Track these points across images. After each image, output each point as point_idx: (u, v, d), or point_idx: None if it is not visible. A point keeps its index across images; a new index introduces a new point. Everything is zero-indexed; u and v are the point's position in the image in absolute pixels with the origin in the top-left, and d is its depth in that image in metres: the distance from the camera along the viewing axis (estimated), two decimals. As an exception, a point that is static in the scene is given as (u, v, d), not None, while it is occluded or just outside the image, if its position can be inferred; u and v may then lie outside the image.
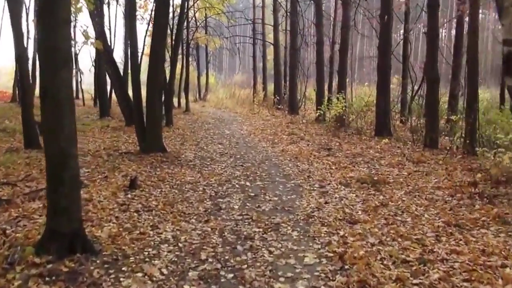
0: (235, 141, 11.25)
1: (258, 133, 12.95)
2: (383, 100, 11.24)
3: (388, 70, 11.07)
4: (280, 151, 9.66)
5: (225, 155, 9.03)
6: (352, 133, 12.22)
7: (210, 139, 11.46)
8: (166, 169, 7.25)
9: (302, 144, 10.72)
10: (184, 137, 11.30)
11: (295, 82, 18.85)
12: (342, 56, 13.93)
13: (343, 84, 14.06)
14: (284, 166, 7.91)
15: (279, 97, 20.81)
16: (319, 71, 15.45)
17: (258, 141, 11.36)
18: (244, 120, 17.15)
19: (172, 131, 12.25)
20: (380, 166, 7.91)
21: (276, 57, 21.71)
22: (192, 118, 17.36)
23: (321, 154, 9.24)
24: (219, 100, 26.67)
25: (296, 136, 12.01)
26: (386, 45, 10.89)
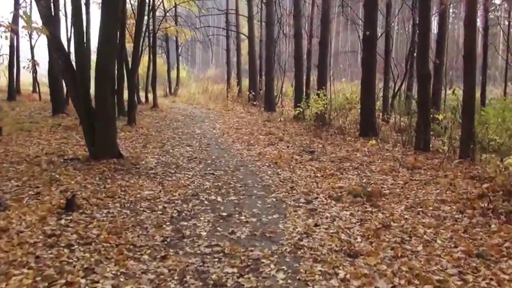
0: (206, 142, 10.05)
1: (232, 132, 11.79)
2: (368, 97, 10.31)
3: (374, 64, 10.13)
4: (257, 154, 8.54)
5: (194, 160, 7.83)
6: (334, 133, 11.23)
7: (178, 140, 10.21)
8: (120, 180, 5.99)
9: (281, 145, 9.64)
10: (148, 138, 10.00)
11: (272, 76, 17.76)
12: (322, 49, 12.92)
13: (323, 79, 13.06)
14: (263, 174, 6.79)
15: (255, 93, 19.68)
16: (297, 66, 14.41)
17: (232, 142, 10.20)
18: (217, 118, 15.93)
19: (134, 131, 10.91)
20: (372, 173, 6.91)
21: (251, 50, 20.54)
22: (160, 115, 15.98)
23: (303, 158, 8.18)
24: (191, 96, 25.27)
25: (274, 136, 10.92)
26: (371, 37, 9.93)
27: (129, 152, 8.08)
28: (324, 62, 12.97)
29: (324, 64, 13.01)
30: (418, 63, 8.37)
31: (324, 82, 13.00)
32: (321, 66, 12.99)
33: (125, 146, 8.72)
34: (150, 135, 10.68)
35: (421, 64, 8.23)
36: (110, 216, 4.59)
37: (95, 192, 5.38)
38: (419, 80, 8.39)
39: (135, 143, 9.28)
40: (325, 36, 12.78)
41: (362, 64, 10.20)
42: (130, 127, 11.23)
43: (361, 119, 10.56)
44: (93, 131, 6.87)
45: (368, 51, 10.05)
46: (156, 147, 8.97)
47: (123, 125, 11.47)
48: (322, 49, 12.90)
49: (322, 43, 12.83)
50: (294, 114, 13.49)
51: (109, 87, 6.84)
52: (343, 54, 47.32)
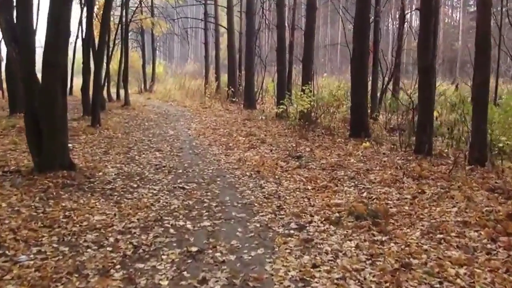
0: (179, 145, 8.88)
1: (208, 133, 10.63)
2: (360, 94, 9.32)
3: (366, 57, 9.13)
4: (237, 160, 7.43)
5: (163, 169, 6.66)
6: (322, 134, 10.21)
7: (147, 143, 9.00)
8: (65, 200, 4.78)
9: (263, 149, 8.55)
10: (112, 142, 8.74)
11: (252, 71, 16.64)
12: (308, 41, 11.87)
13: (308, 74, 12.03)
14: (243, 188, 5.69)
15: (234, 89, 18.52)
16: (280, 59, 13.33)
17: (208, 145, 9.05)
18: (194, 116, 14.74)
19: (98, 133, 9.61)
20: (371, 184, 5.90)
21: (230, 43, 19.34)
22: (131, 113, 14.67)
23: (289, 165, 7.12)
24: (166, 92, 23.91)
25: (255, 137, 9.82)
26: (363, 26, 8.92)
27: (85, 160, 6.83)
28: (309, 55, 11.93)
29: (310, 58, 11.97)
30: (419, 54, 7.39)
31: (309, 77, 11.97)
32: (306, 59, 11.94)
33: (83, 153, 7.46)
34: (116, 137, 9.41)
35: (423, 54, 7.24)
36: (39, 258, 3.41)
37: (29, 220, 4.17)
38: (421, 73, 7.42)
39: (96, 148, 8.01)
40: (311, 26, 11.73)
41: (352, 56, 9.19)
42: (94, 129, 9.92)
43: (352, 118, 9.57)
44: (39, 138, 5.61)
45: (359, 42, 9.04)
46: (120, 152, 7.74)
47: (86, 126, 10.17)
48: (307, 41, 11.85)
49: (307, 34, 11.78)
50: (277, 112, 12.42)
51: (59, 85, 5.58)
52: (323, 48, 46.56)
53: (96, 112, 10.14)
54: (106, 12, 10.45)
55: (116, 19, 19.46)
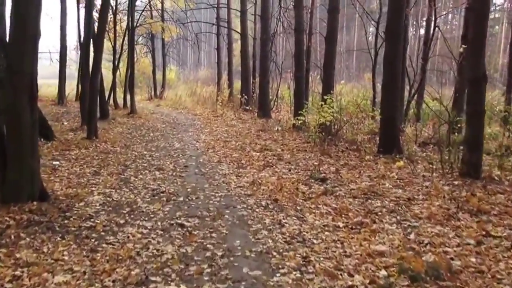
0: (184, 162, 7.76)
1: (219, 147, 9.51)
2: (391, 104, 8.08)
3: (399, 63, 7.89)
4: (250, 183, 6.27)
5: (160, 196, 5.52)
6: (346, 149, 8.98)
7: (148, 159, 7.90)
8: (24, 249, 3.66)
9: (281, 168, 7.38)
10: (107, 159, 7.66)
11: (267, 78, 15.52)
12: (330, 46, 10.68)
13: (330, 82, 10.82)
14: (258, 226, 4.50)
15: (247, 96, 17.43)
16: (298, 65, 12.17)
17: (217, 162, 7.91)
18: (204, 126, 13.66)
19: (93, 147, 8.55)
20: (418, 220, 4.66)
21: (243, 49, 18.29)
22: (137, 122, 13.66)
23: (312, 190, 5.93)
24: (177, 99, 22.96)
25: (271, 153, 8.67)
26: (397, 27, 7.71)
27: (68, 185, 5.74)
28: (331, 61, 10.73)
29: (331, 64, 10.78)
30: (471, 61, 6.15)
31: (331, 86, 10.77)
32: (328, 65, 10.75)
33: (68, 174, 6.38)
34: (113, 152, 8.34)
35: (475, 63, 6.00)
36: None
37: (-36, 280, 3.06)
38: (472, 84, 6.17)
39: (86, 167, 6.93)
40: (333, 29, 10.54)
41: (385, 62, 7.97)
42: (89, 142, 8.87)
43: (382, 131, 8.34)
44: (3, 162, 4.53)
45: (392, 45, 7.81)
46: (114, 173, 6.64)
47: (80, 139, 9.13)
48: (329, 45, 10.66)
49: (329, 38, 10.59)
50: (294, 123, 11.24)
51: (26, 98, 4.50)
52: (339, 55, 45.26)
53: (92, 122, 9.09)
54: (103, 14, 9.39)
55: (124, 24, 18.66)
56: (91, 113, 9.12)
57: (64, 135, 9.91)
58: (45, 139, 8.50)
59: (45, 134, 8.68)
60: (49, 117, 13.81)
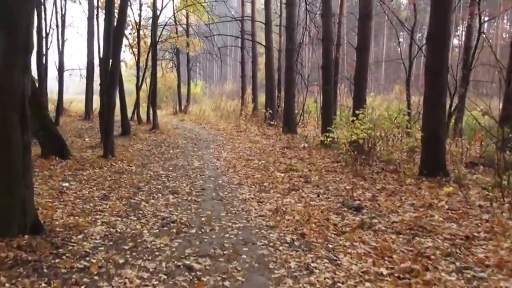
0: (202, 184, 7.07)
1: (240, 166, 8.80)
2: (435, 120, 7.16)
3: (444, 73, 6.98)
4: (273, 212, 5.49)
5: (170, 227, 4.81)
6: (382, 170, 8.08)
7: (164, 180, 7.26)
8: (-4, 299, 3.04)
9: (308, 192, 6.57)
10: (120, 180, 7.05)
11: (293, 91, 14.80)
12: (361, 56, 9.87)
13: (361, 96, 9.98)
14: (281, 271, 3.70)
15: (272, 111, 16.76)
16: (326, 78, 11.39)
17: (237, 184, 7.18)
18: (226, 142, 13.02)
19: (108, 167, 7.99)
20: (485, 270, 3.74)
21: (268, 61, 17.68)
22: (158, 138, 13.16)
23: (346, 221, 5.09)
24: (201, 113, 22.54)
25: (297, 174, 7.88)
26: (442, 32, 6.82)
27: (71, 212, 5.13)
28: (363, 73, 9.90)
29: (363, 76, 9.95)
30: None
31: (362, 99, 9.93)
32: (359, 77, 9.92)
33: (75, 198, 5.79)
34: (128, 172, 7.75)
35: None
36: None
37: None
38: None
39: (96, 189, 6.33)
40: (365, 38, 9.73)
41: (427, 72, 7.08)
42: (105, 161, 8.33)
43: (424, 150, 7.39)
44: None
45: (436, 53, 6.91)
46: (124, 197, 6.01)
47: (96, 157, 8.62)
48: (360, 56, 9.84)
49: (361, 47, 9.79)
50: (322, 140, 10.41)
51: (16, 118, 3.91)
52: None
53: (108, 140, 8.57)
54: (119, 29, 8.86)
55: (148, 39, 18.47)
56: (107, 130, 8.60)
57: (82, 152, 9.46)
58: (60, 157, 8.04)
59: (60, 152, 8.23)
60: (73, 133, 13.58)
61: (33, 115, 7.96)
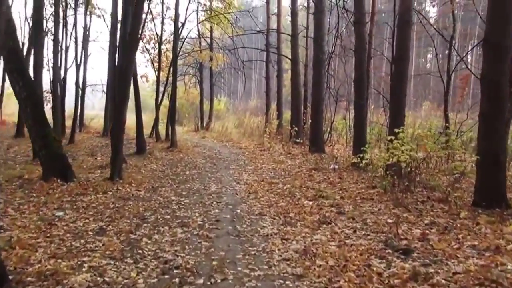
0: (217, 215, 6.11)
1: (262, 191, 7.82)
2: (493, 138, 5.99)
3: (504, 83, 5.83)
4: (301, 254, 4.46)
5: (171, 276, 3.86)
6: (428, 199, 6.91)
7: (174, 209, 6.34)
8: None
9: (342, 226, 5.51)
10: (123, 209, 6.15)
11: (321, 108, 13.80)
12: (400, 67, 8.80)
13: (400, 112, 8.86)
14: None
15: (298, 128, 15.74)
16: (359, 92, 10.34)
17: (258, 214, 6.18)
18: (248, 162, 12.08)
19: (113, 191, 7.13)
20: None
21: (294, 75, 16.78)
22: (175, 158, 12.36)
23: (393, 270, 4.00)
24: (223, 130, 21.76)
25: (327, 202, 6.81)
26: (502, 38, 5.72)
27: (53, 253, 4.25)
28: (401, 85, 8.80)
29: (402, 88, 8.84)
30: None
31: (401, 115, 8.80)
32: (398, 91, 8.82)
33: (65, 231, 4.92)
34: (135, 198, 6.88)
35: None
36: None
37: None
38: None
39: (92, 220, 5.46)
40: (404, 46, 8.65)
41: (485, 84, 5.95)
42: (110, 184, 7.49)
43: (480, 177, 6.20)
44: None
45: (494, 63, 5.80)
46: (123, 231, 5.10)
47: (102, 180, 7.81)
48: (399, 66, 8.76)
49: (399, 57, 8.71)
50: (354, 161, 9.31)
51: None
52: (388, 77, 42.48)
53: (116, 161, 7.74)
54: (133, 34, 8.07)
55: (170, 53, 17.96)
56: (115, 150, 7.79)
57: (89, 173, 8.72)
58: (62, 180, 7.27)
59: (63, 174, 7.47)
60: (86, 150, 12.97)
61: (35, 133, 7.35)
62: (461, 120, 13.29)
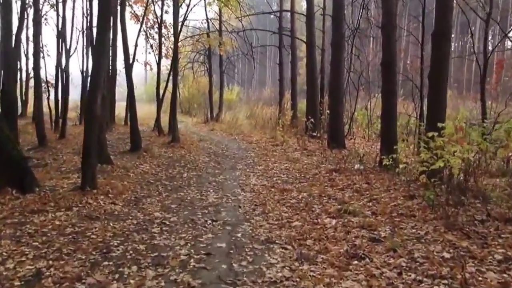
0: (209, 242, 4.56)
1: (272, 202, 6.27)
2: None
3: None
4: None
5: None
6: (489, 217, 5.22)
7: (153, 234, 4.80)
8: None
9: (381, 264, 3.93)
10: (84, 235, 4.61)
11: (340, 97, 12.12)
12: (441, 46, 7.04)
13: (440, 103, 7.14)
14: None
15: (314, 120, 14.07)
16: (388, 77, 8.61)
17: (265, 241, 4.62)
18: (258, 160, 10.54)
19: (79, 207, 5.60)
20: None
21: (310, 61, 15.05)
22: (175, 155, 10.87)
23: None
24: (234, 122, 20.18)
25: (356, 221, 5.20)
26: None
27: None
28: (442, 68, 7.04)
29: (442, 72, 7.10)
30: None
31: (441, 107, 7.08)
32: (438, 74, 7.07)
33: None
34: (108, 216, 5.36)
35: None
36: None
37: None
38: None
39: (30, 258, 3.93)
40: (446, 21, 6.91)
41: None
42: (79, 196, 5.91)
43: None
44: None
45: None
46: (67, 278, 3.59)
47: (68, 191, 6.24)
48: (439, 44, 6.98)
49: (440, 34, 6.95)
50: (386, 163, 7.63)
51: None
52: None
53: (87, 167, 6.15)
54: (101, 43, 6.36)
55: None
56: (86, 153, 6.20)
57: (63, 178, 7.24)
58: (18, 190, 5.80)
59: (20, 183, 5.94)
60: (75, 147, 11.50)
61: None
62: (496, 110, 11.54)
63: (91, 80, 6.41)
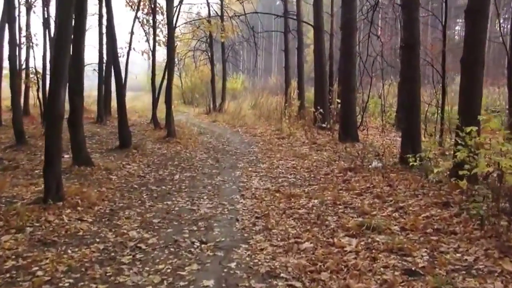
0: (191, 279, 3.47)
1: (277, 212, 5.18)
2: None
3: None
4: None
5: None
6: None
7: (121, 264, 3.73)
8: None
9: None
10: (27, 269, 3.54)
11: (352, 85, 10.94)
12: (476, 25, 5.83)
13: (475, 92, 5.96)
14: None
15: (324, 110, 12.91)
16: (408, 61, 7.40)
17: (266, 275, 3.52)
18: (262, 156, 9.46)
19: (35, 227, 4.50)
20: None
21: (318, 47, 13.83)
22: (169, 152, 9.80)
23: None
24: (237, 112, 19.05)
25: (382, 242, 4.09)
26: None
27: None
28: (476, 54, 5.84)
29: (478, 58, 5.90)
30: None
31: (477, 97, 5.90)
32: (473, 59, 5.88)
33: None
34: (68, 239, 4.29)
35: None
36: None
37: None
38: None
39: None
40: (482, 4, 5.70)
41: None
42: (39, 212, 4.80)
43: None
44: None
45: None
46: None
47: (27, 204, 5.18)
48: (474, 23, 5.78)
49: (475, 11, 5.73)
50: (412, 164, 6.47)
51: None
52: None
53: (50, 175, 5.02)
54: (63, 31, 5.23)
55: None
56: (48, 161, 5.03)
57: (27, 186, 6.17)
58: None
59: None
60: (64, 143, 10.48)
61: None
62: None
63: (54, 73, 5.27)
